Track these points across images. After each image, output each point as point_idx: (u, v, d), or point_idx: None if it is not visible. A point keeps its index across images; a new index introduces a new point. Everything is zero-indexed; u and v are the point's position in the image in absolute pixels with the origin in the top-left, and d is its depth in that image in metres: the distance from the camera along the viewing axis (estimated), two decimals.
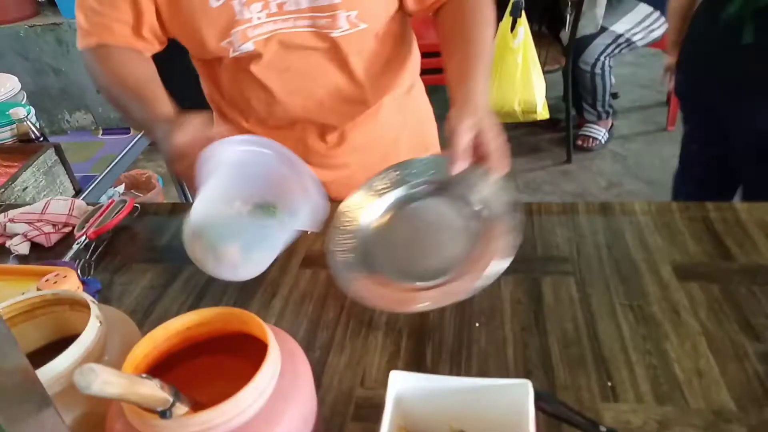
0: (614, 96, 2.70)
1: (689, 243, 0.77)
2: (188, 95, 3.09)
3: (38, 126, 1.46)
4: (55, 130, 3.12)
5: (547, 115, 2.19)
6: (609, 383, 0.59)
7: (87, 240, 0.88)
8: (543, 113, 2.17)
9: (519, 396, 0.48)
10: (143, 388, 0.34)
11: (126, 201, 0.94)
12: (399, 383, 0.49)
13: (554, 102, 2.56)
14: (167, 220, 0.94)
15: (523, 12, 2.07)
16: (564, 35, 2.44)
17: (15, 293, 0.63)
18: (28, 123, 1.39)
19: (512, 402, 0.48)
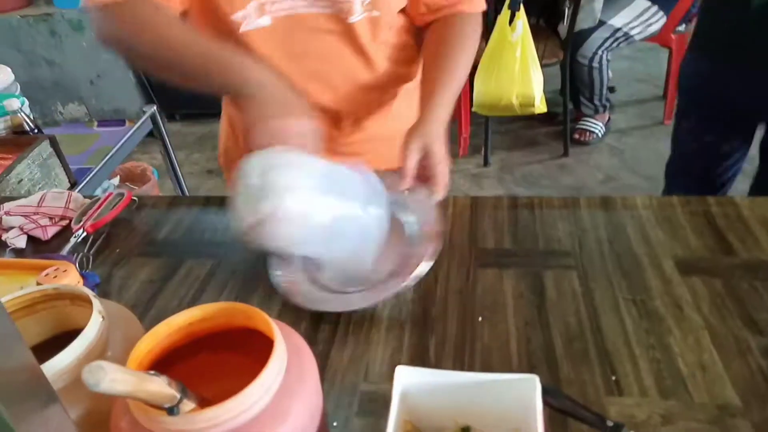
0: (611, 90, 2.70)
1: (691, 238, 0.77)
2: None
3: (32, 118, 1.44)
4: (48, 122, 3.10)
5: (545, 109, 2.19)
6: (613, 377, 0.59)
7: (84, 233, 0.87)
8: (541, 107, 2.16)
9: (526, 391, 0.47)
10: (151, 385, 0.34)
11: (123, 194, 0.93)
12: (405, 378, 0.49)
13: (551, 96, 2.55)
14: (166, 213, 0.94)
15: (522, 5, 2.06)
16: (562, 29, 2.43)
17: (13, 287, 0.62)
18: (23, 115, 1.37)
19: (519, 397, 0.48)
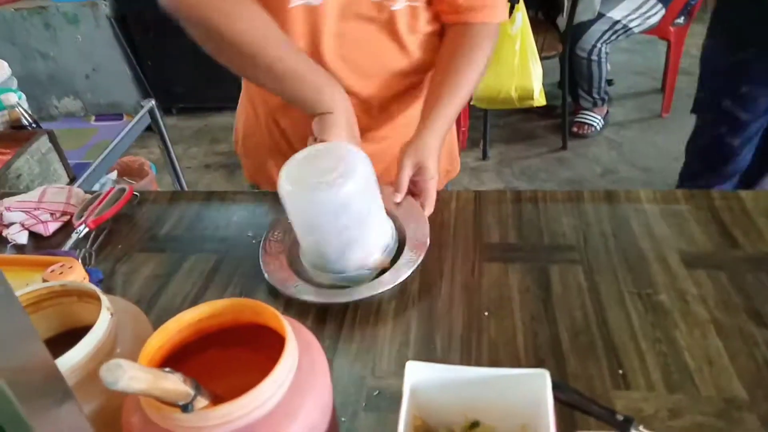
0: (609, 83, 2.70)
1: (695, 231, 0.77)
2: (183, 79, 3.02)
3: (29, 112, 1.43)
4: (44, 117, 3.07)
5: (544, 102, 2.19)
6: (620, 371, 0.59)
7: (86, 229, 0.86)
8: (540, 100, 2.16)
9: (536, 386, 0.47)
10: (167, 383, 0.34)
11: (125, 189, 0.92)
12: (415, 373, 0.49)
13: (549, 89, 2.55)
14: (168, 208, 0.93)
15: None
16: (561, 21, 2.43)
17: (18, 284, 0.61)
18: (20, 109, 1.36)
19: (528, 391, 0.48)
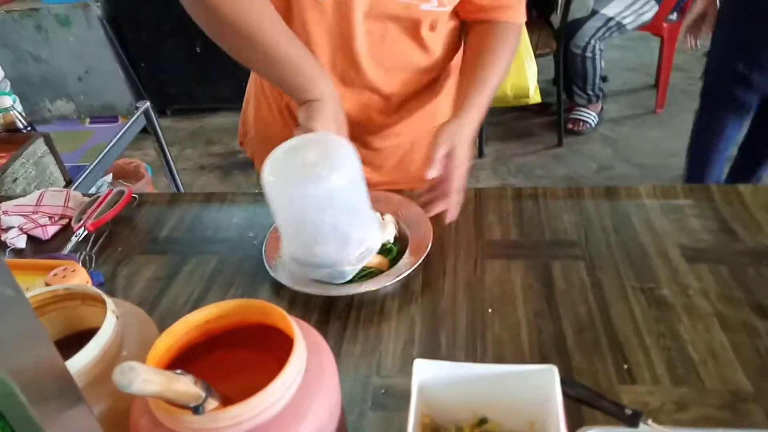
0: (603, 79, 2.71)
1: (695, 226, 0.77)
2: (176, 80, 3.01)
3: (24, 115, 1.42)
4: (36, 119, 3.04)
5: (539, 99, 2.19)
6: (625, 366, 0.60)
7: (86, 232, 0.86)
8: (535, 97, 2.17)
9: (544, 382, 0.47)
10: (179, 385, 0.34)
11: (124, 191, 0.92)
12: (423, 371, 0.49)
13: (543, 86, 2.56)
14: (167, 211, 0.93)
15: None
16: (555, 19, 2.43)
17: None
18: (15, 112, 1.35)
19: (536, 388, 0.48)
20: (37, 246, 0.88)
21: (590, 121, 2.65)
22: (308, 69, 0.76)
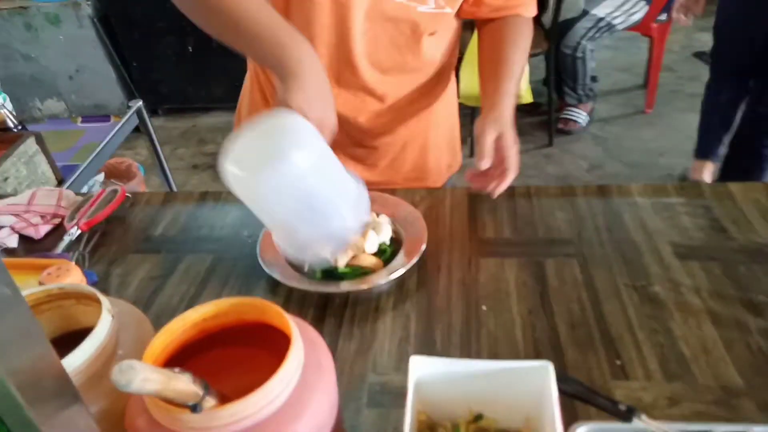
0: (594, 79, 2.73)
1: (687, 223, 0.78)
2: (169, 79, 2.99)
3: (14, 114, 1.41)
4: (26, 119, 3.01)
5: (531, 99, 2.20)
6: (618, 362, 0.60)
7: (79, 231, 0.85)
8: (527, 97, 2.18)
9: (539, 378, 0.48)
10: (178, 383, 0.34)
11: (117, 190, 0.91)
12: (419, 368, 0.49)
13: (534, 86, 2.57)
14: (161, 210, 0.92)
15: None
16: (546, 19, 2.44)
17: None
18: (5, 111, 1.34)
19: (532, 384, 0.48)
20: (29, 245, 0.87)
21: (581, 121, 2.67)
22: (283, 37, 0.71)
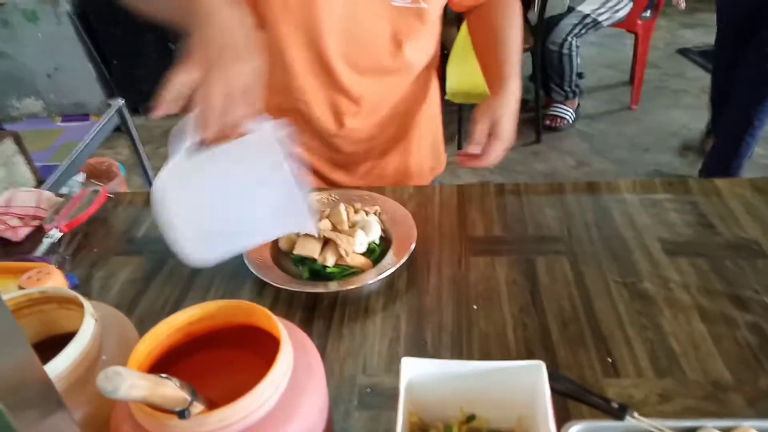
0: (580, 76, 2.75)
1: (675, 219, 0.78)
2: (150, 77, 2.95)
3: None
4: (4, 118, 2.95)
5: None
6: (609, 359, 0.60)
7: (59, 233, 0.83)
8: None
9: (532, 377, 0.47)
10: (165, 389, 0.33)
11: (99, 191, 0.89)
12: (411, 370, 0.49)
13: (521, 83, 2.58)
14: (144, 210, 0.90)
15: None
16: (531, 15, 2.45)
17: None
18: None
19: (524, 384, 0.48)
20: (8, 248, 0.85)
21: (567, 118, 2.68)
22: None
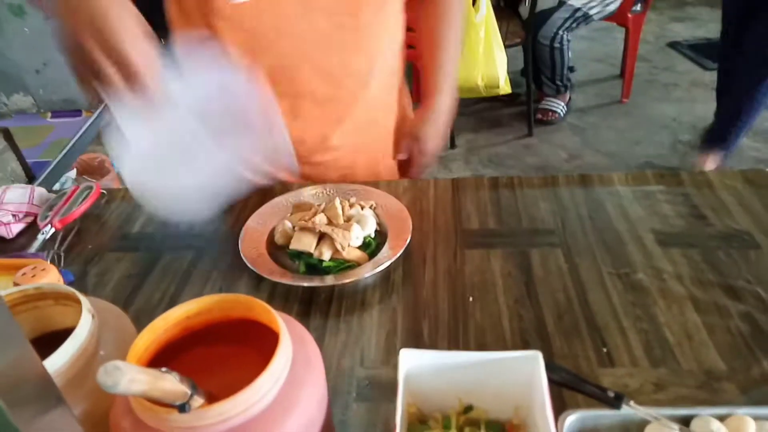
0: (571, 70, 2.76)
1: (667, 211, 0.79)
2: None
3: None
4: None
5: (509, 90, 2.21)
6: (604, 349, 0.61)
7: (53, 230, 0.83)
8: (505, 87, 2.19)
9: (529, 368, 0.48)
10: (166, 383, 0.33)
11: (92, 187, 0.89)
12: (409, 361, 0.49)
13: (512, 77, 2.59)
14: (138, 206, 0.90)
15: None
16: (523, 10, 2.46)
17: None
18: None
19: (522, 374, 0.48)
20: (1, 245, 0.84)
21: (559, 111, 2.69)
22: None
